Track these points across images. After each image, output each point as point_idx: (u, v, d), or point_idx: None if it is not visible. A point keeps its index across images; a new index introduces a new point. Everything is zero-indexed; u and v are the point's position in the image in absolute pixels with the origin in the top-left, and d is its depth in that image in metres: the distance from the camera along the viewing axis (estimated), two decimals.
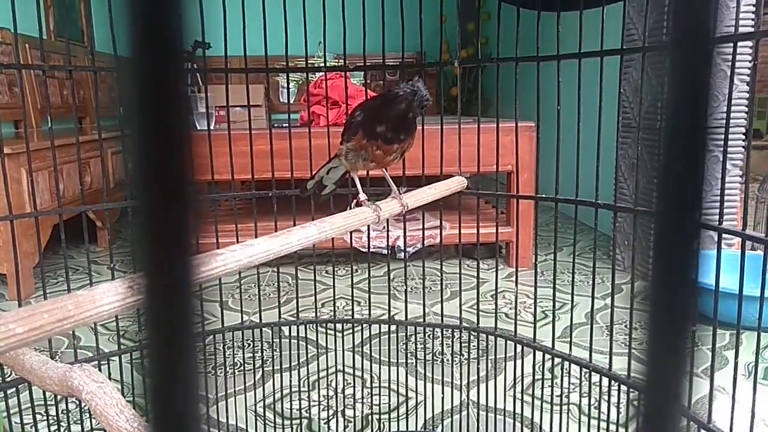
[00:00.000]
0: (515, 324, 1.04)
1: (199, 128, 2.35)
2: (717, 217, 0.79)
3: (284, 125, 2.49)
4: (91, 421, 1.18)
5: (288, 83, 1.07)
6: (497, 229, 1.04)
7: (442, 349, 1.65)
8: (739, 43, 0.73)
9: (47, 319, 0.37)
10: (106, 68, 0.97)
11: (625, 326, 1.80)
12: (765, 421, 1.29)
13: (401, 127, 0.80)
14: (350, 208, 0.82)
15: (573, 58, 0.87)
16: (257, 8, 1.04)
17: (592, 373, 0.98)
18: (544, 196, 0.94)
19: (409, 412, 1.37)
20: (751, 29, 2.08)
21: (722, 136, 0.74)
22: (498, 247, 2.72)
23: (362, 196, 0.84)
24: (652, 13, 2.22)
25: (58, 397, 1.07)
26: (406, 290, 1.23)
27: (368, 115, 0.83)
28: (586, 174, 0.86)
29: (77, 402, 1.25)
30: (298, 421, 1.35)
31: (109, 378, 1.08)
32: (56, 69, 0.93)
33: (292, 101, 2.99)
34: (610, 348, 0.89)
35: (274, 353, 1.64)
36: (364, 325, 1.77)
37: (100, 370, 0.97)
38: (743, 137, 2.19)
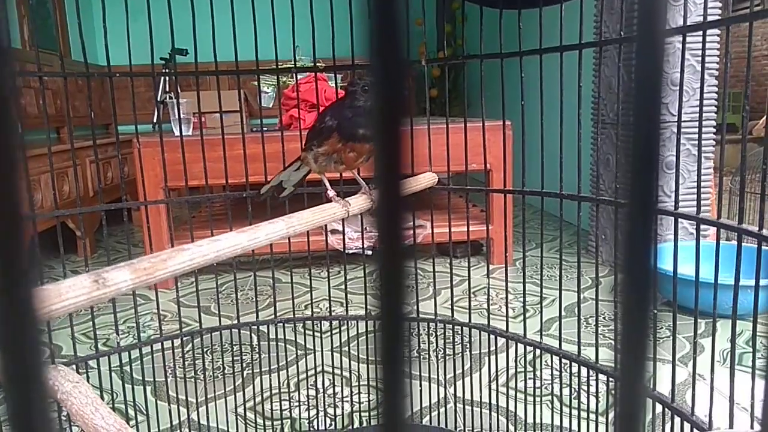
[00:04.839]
0: (488, 317, 1.06)
1: (176, 134, 2.35)
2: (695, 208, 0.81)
3: (261, 129, 2.49)
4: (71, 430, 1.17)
5: (259, 86, 1.08)
6: (468, 227, 1.06)
7: (419, 344, 1.66)
8: (707, 39, 0.76)
9: None
10: (75, 73, 0.98)
11: (604, 318, 1.83)
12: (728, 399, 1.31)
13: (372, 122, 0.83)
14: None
15: (534, 54, 0.89)
16: (239, 13, 1.05)
17: (572, 363, 1.00)
18: (511, 189, 0.96)
19: None
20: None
21: (694, 130, 0.76)
22: (479, 244, 2.75)
23: (331, 193, 0.86)
24: (617, 9, 2.27)
25: None
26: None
27: (341, 117, 0.85)
28: (564, 168, 0.89)
29: (58, 409, 1.25)
30: (279, 422, 1.36)
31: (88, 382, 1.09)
32: (25, 75, 0.94)
33: (270, 105, 2.99)
34: (578, 337, 0.92)
35: (254, 356, 1.65)
36: (343, 327, 1.79)
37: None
38: (714, 130, 2.24)
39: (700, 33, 0.72)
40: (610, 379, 0.90)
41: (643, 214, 0.15)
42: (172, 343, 1.15)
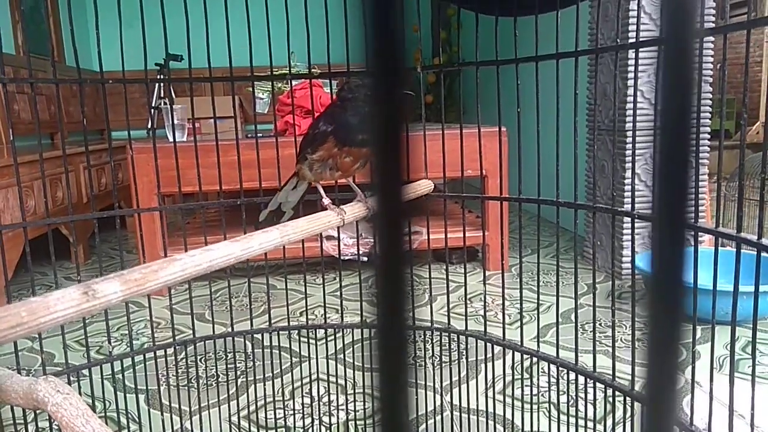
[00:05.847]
0: (485, 324, 1.06)
1: (171, 140, 2.34)
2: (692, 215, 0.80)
3: (255, 135, 2.48)
4: None
5: (254, 92, 1.08)
6: (464, 233, 1.05)
7: (415, 352, 1.65)
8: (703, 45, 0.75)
9: None
10: (67, 80, 0.97)
11: (601, 324, 1.83)
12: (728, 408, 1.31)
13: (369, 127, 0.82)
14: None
15: (530, 62, 0.89)
16: (233, 19, 1.04)
17: (569, 371, 0.99)
18: (507, 196, 0.95)
19: None
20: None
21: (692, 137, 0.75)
22: (475, 250, 2.74)
23: (326, 200, 0.85)
24: (611, 17, 2.27)
25: (29, 417, 1.06)
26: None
27: (337, 122, 0.84)
28: (561, 175, 0.88)
29: (49, 419, 1.23)
30: (274, 431, 1.34)
31: (79, 392, 1.07)
32: (16, 82, 0.93)
33: (265, 111, 2.99)
34: (576, 345, 0.91)
35: (248, 364, 1.63)
36: (338, 334, 1.78)
37: (69, 384, 0.96)
38: (708, 137, 2.25)
39: (697, 40, 0.71)
40: (608, 387, 0.89)
41: (674, 229, 0.14)
42: (165, 351, 1.14)
